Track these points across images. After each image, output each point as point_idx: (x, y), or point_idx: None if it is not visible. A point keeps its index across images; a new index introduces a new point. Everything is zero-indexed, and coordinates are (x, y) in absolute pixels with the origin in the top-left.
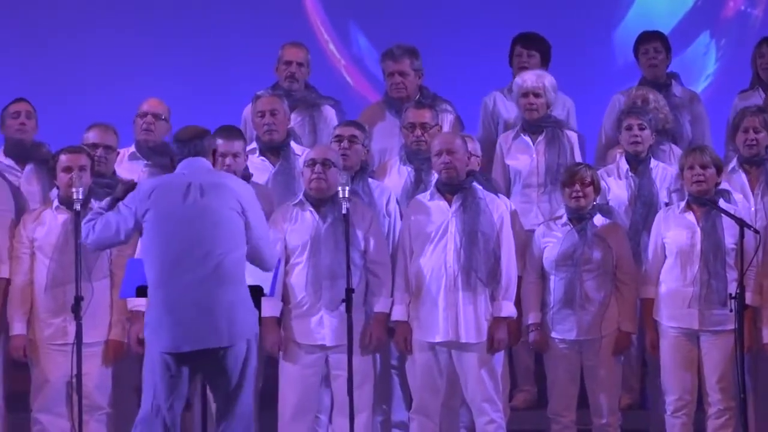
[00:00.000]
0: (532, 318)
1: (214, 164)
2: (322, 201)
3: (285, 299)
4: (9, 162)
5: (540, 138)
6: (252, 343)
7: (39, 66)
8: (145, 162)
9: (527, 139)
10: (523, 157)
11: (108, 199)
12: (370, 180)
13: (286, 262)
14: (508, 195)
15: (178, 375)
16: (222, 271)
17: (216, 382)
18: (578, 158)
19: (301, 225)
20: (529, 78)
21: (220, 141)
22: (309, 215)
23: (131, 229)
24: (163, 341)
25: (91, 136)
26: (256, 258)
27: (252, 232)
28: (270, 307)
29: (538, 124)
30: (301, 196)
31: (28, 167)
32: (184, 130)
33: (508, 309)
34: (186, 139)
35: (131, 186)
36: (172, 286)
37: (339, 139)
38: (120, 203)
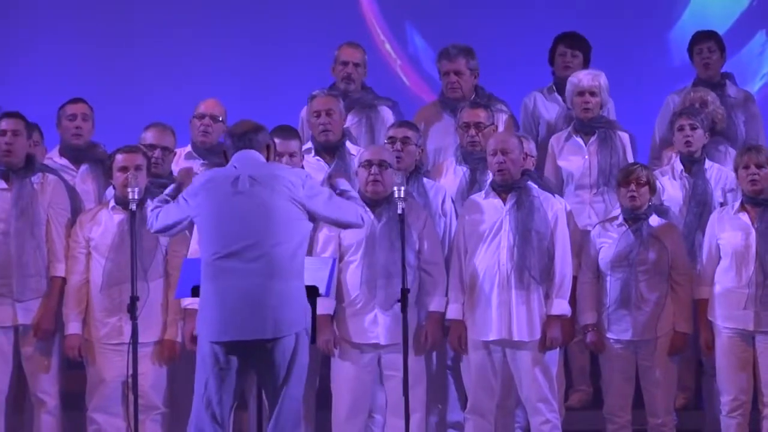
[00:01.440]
0: (588, 318)
1: (268, 158)
2: (377, 201)
3: (339, 297)
4: (64, 162)
5: (592, 139)
6: (302, 337)
7: (97, 65)
8: (202, 161)
9: (579, 140)
10: (575, 158)
11: (172, 186)
12: (424, 180)
13: (340, 260)
14: (561, 196)
15: (227, 367)
16: (271, 262)
17: (264, 375)
18: (630, 159)
19: None
20: (585, 77)
21: (276, 140)
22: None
23: (187, 220)
24: (211, 330)
25: (148, 137)
26: (337, 222)
27: (316, 214)
28: (323, 306)
29: (590, 125)
30: None
31: (83, 167)
32: (238, 124)
33: (562, 307)
34: (239, 132)
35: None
36: (221, 277)
37: (392, 140)
38: (180, 194)
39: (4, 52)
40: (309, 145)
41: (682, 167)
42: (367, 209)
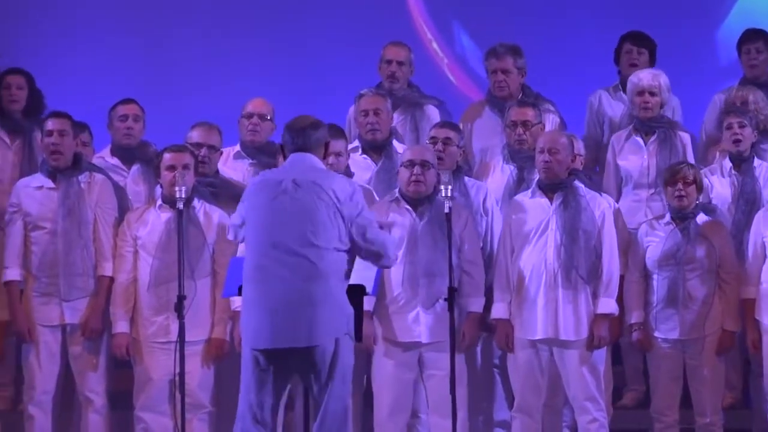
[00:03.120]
0: (635, 317)
1: (325, 156)
2: (418, 200)
3: (381, 295)
4: (115, 161)
5: (652, 139)
6: (343, 341)
7: (146, 65)
8: (250, 161)
9: (639, 139)
10: (634, 157)
11: None
12: (466, 179)
13: None
14: (618, 195)
15: (267, 371)
16: (310, 268)
17: (306, 378)
18: (690, 159)
19: (397, 222)
20: (645, 76)
21: None
22: (406, 213)
23: (239, 227)
24: (250, 336)
25: (195, 136)
26: (373, 254)
27: (354, 229)
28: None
29: (650, 124)
30: (396, 194)
31: (135, 167)
32: (297, 120)
33: (609, 306)
34: (298, 128)
35: None
36: (261, 282)
37: (434, 141)
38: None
39: (54, 53)
40: (356, 143)
41: (731, 165)
42: (409, 208)
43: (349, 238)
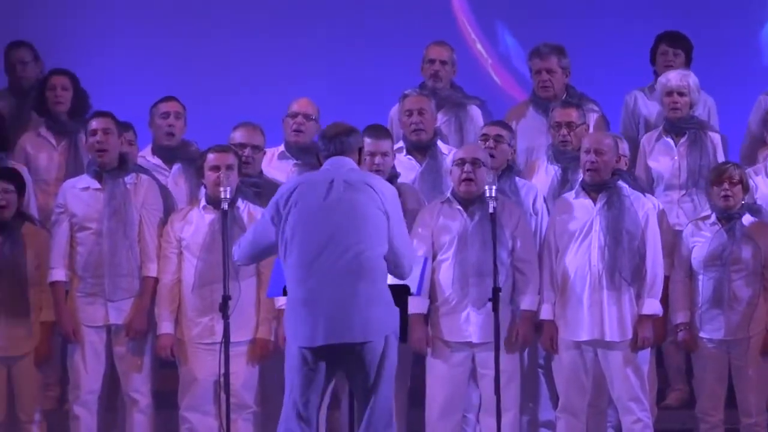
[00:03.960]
0: (680, 317)
1: (360, 162)
2: (470, 200)
3: (432, 296)
4: (156, 161)
5: (683, 140)
6: (391, 339)
7: (190, 64)
8: (294, 161)
9: (669, 140)
10: (664, 158)
11: None
12: (516, 178)
13: (433, 259)
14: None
15: (315, 369)
16: (361, 266)
17: (354, 378)
18: (721, 160)
19: (448, 223)
20: (673, 77)
21: (368, 140)
22: (457, 213)
23: (273, 238)
24: (299, 335)
25: (238, 136)
26: (392, 263)
27: (391, 233)
28: (416, 304)
29: (680, 125)
30: (449, 194)
31: (176, 166)
32: (331, 127)
33: (654, 307)
34: (331, 135)
35: None
36: (310, 280)
37: (485, 138)
38: (262, 213)
39: (98, 53)
40: (400, 144)
41: None
42: (460, 208)
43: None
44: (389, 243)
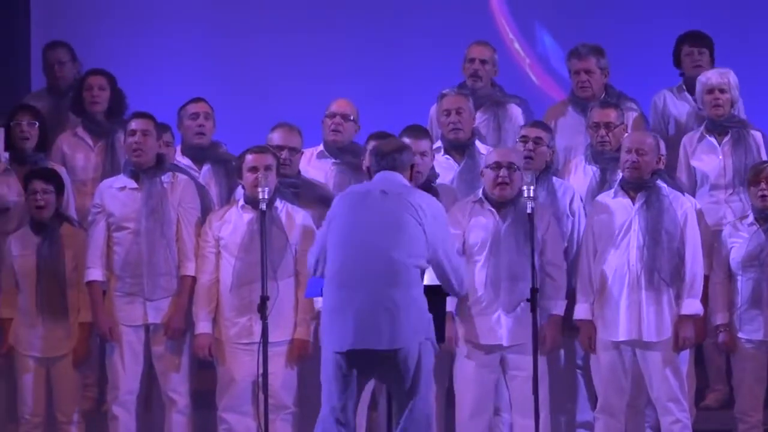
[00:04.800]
0: (720, 318)
1: (411, 178)
2: (502, 202)
3: (462, 297)
4: (186, 162)
5: (726, 139)
6: (426, 346)
7: (228, 65)
8: (333, 160)
9: (713, 140)
10: (708, 158)
11: None
12: (553, 179)
13: (466, 260)
14: (693, 196)
15: (350, 374)
16: (394, 273)
17: (389, 382)
18: (764, 158)
19: (481, 223)
20: (713, 75)
21: (406, 140)
22: (489, 214)
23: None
24: (332, 340)
25: (276, 138)
26: (439, 276)
27: (432, 247)
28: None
29: (723, 124)
30: (480, 195)
31: (206, 167)
32: (385, 143)
33: (694, 307)
34: (386, 152)
35: None
36: (344, 286)
37: (524, 140)
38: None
39: (134, 53)
40: (438, 144)
41: None
42: (492, 210)
43: (430, 257)
44: (433, 258)
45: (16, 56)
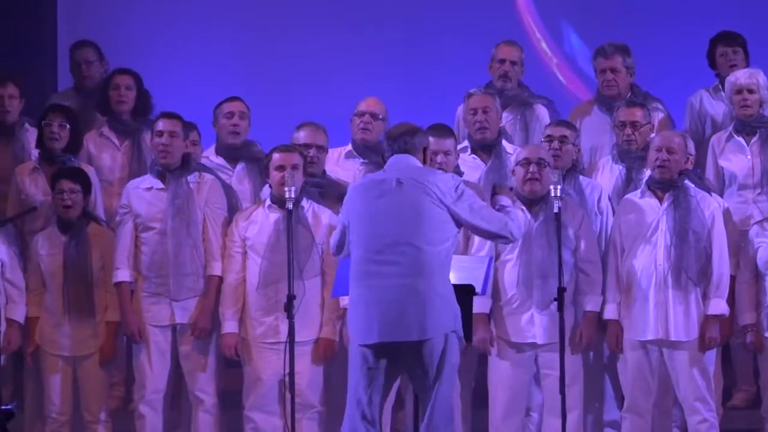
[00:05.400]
0: (747, 319)
1: (424, 162)
2: (533, 200)
3: (495, 296)
4: (220, 161)
5: (754, 139)
6: (451, 337)
7: (253, 64)
8: (362, 160)
9: (741, 140)
10: (737, 158)
11: None
12: (581, 178)
13: (497, 259)
14: (721, 196)
15: (376, 367)
16: (418, 264)
17: (414, 375)
18: None
19: None
20: (742, 75)
21: (431, 139)
22: (520, 213)
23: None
24: (359, 333)
25: (302, 136)
26: (488, 237)
27: (464, 220)
28: (479, 304)
29: (751, 124)
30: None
31: (240, 166)
32: (396, 127)
33: (720, 307)
34: (396, 135)
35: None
36: (368, 279)
37: (549, 139)
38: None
39: (163, 53)
40: (465, 143)
41: None
42: (524, 208)
43: (460, 223)
44: (470, 228)
45: (43, 56)
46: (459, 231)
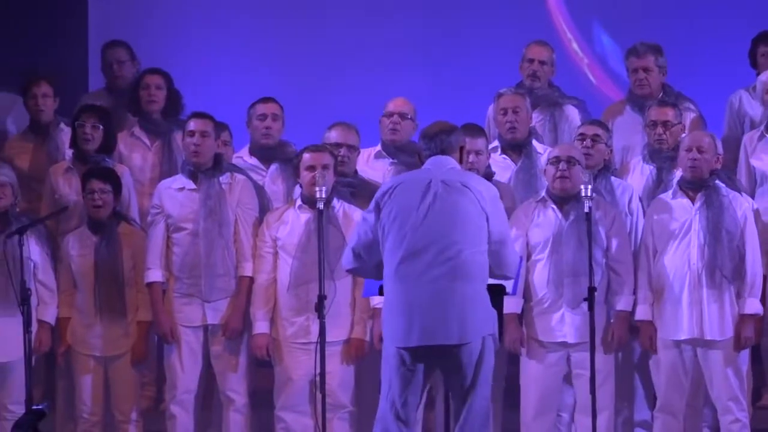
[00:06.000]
0: None
1: (461, 161)
2: (564, 199)
3: (526, 296)
4: (254, 161)
5: None
6: (488, 341)
7: (286, 65)
8: (391, 160)
9: None
10: (767, 157)
11: None
12: (612, 178)
13: (527, 259)
14: (752, 195)
15: (413, 370)
16: (459, 267)
17: (451, 379)
18: None
19: (543, 222)
20: None
21: None
22: (551, 213)
23: (374, 236)
24: (396, 336)
25: (333, 136)
26: (495, 261)
27: (491, 234)
28: (511, 304)
29: None
30: (543, 194)
31: (273, 166)
32: (432, 126)
33: (754, 306)
34: (433, 134)
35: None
36: (407, 281)
37: (582, 138)
38: (362, 214)
39: (194, 52)
40: (495, 143)
41: None
42: (555, 208)
43: (491, 242)
44: (494, 243)
45: (74, 55)
46: None
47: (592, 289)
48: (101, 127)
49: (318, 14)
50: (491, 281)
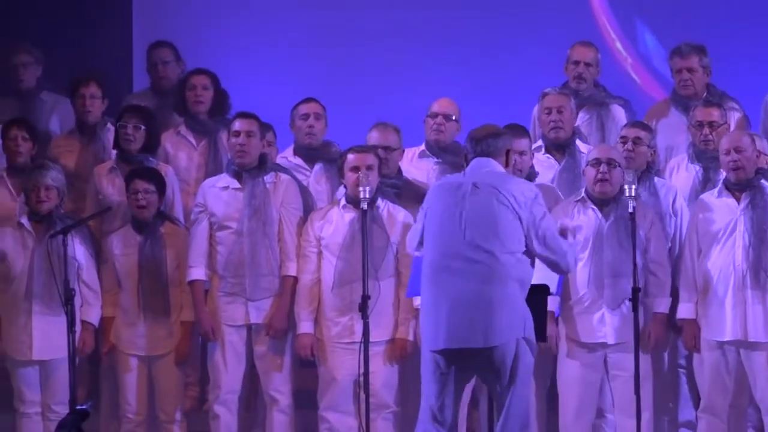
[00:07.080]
0: None
1: (507, 164)
2: (604, 200)
3: (566, 296)
4: (298, 161)
5: None
6: (523, 342)
7: (331, 65)
8: (435, 160)
9: None
10: None
11: None
12: (656, 179)
13: None
14: None
15: (447, 373)
16: (489, 270)
17: (487, 380)
18: None
19: (583, 222)
20: None
21: None
22: (591, 213)
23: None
24: (428, 338)
25: (374, 137)
26: (546, 261)
27: (532, 234)
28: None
29: None
30: (582, 194)
31: (317, 166)
32: (480, 129)
33: None
34: (480, 137)
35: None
36: (438, 284)
37: (624, 140)
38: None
39: (240, 53)
40: (539, 143)
41: None
42: (594, 208)
43: (527, 243)
44: (540, 244)
45: (119, 56)
46: None
47: (636, 290)
48: (143, 127)
49: (362, 16)
50: (537, 281)
